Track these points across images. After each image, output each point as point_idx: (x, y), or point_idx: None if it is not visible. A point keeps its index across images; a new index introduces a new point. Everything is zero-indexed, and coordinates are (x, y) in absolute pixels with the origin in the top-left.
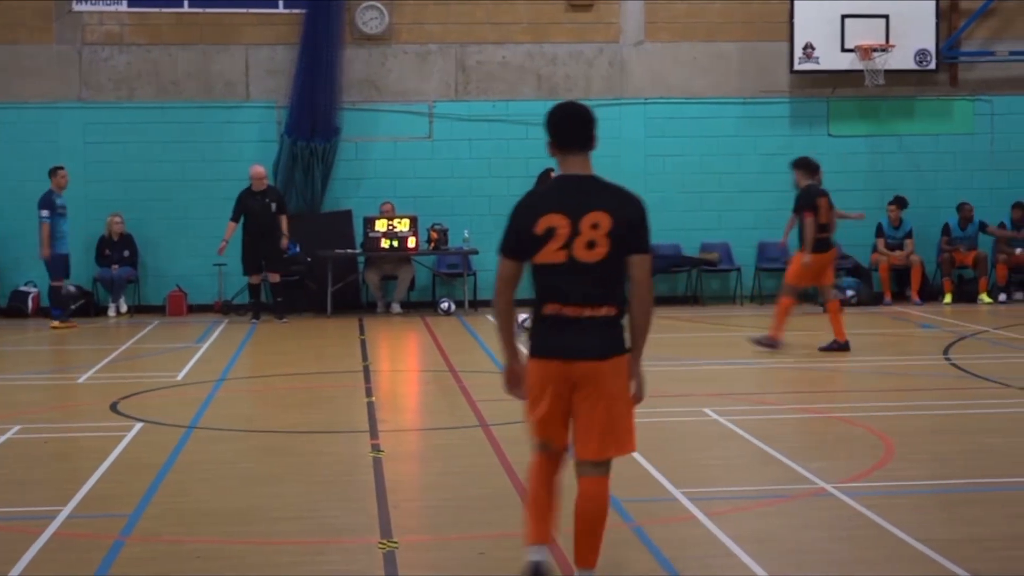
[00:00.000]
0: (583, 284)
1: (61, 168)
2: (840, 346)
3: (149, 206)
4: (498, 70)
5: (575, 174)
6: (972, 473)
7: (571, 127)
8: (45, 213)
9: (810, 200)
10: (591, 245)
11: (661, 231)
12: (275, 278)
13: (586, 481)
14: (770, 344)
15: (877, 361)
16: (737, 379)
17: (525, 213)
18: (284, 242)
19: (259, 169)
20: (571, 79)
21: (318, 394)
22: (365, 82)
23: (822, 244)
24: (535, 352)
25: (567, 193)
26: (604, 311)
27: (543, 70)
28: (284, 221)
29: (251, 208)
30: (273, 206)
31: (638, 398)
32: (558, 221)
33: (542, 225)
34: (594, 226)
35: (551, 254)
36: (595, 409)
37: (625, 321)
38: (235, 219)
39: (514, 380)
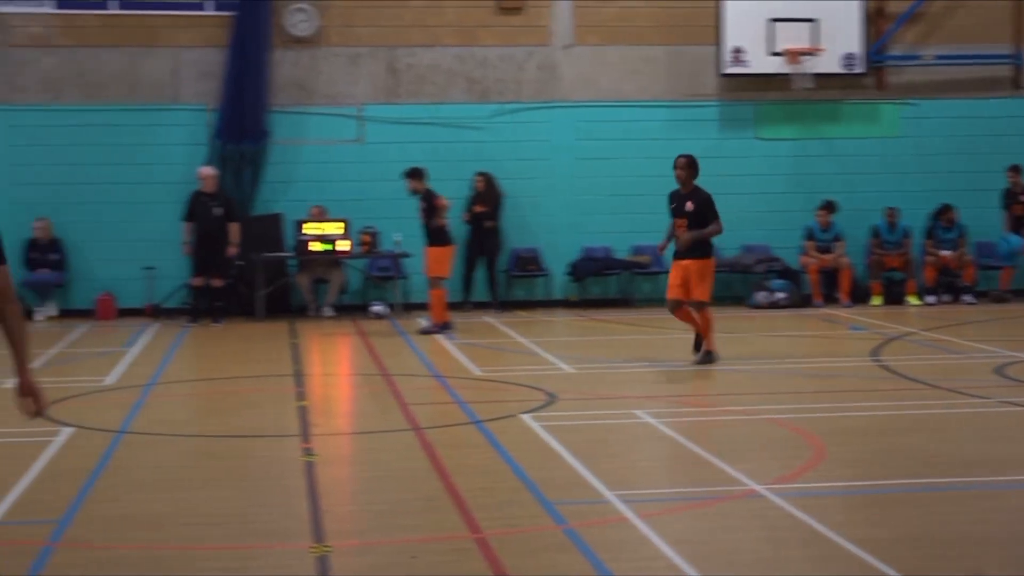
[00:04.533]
0: None
1: None
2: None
3: (77, 209)
4: (428, 73)
5: None
6: (902, 473)
7: None
8: None
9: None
10: None
11: (592, 234)
12: (218, 282)
13: None
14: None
15: (806, 362)
16: (667, 381)
17: None
18: (231, 250)
19: (205, 170)
20: (502, 82)
21: (249, 398)
22: (294, 85)
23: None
24: None
25: None
26: None
27: (473, 73)
28: (234, 228)
29: (197, 210)
30: (219, 211)
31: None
32: None
33: None
34: None
35: None
36: None
37: None
38: (186, 219)
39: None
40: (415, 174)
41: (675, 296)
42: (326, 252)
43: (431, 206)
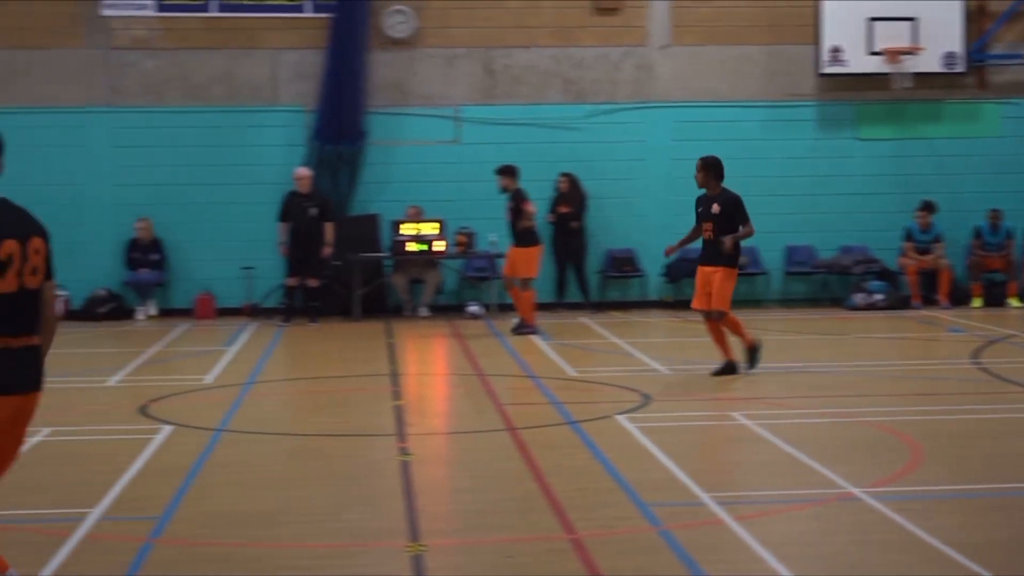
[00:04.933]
0: None
1: None
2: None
3: (177, 210)
4: (524, 74)
5: None
6: (1000, 478)
7: None
8: None
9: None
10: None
11: None
12: (313, 283)
13: None
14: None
15: (904, 365)
16: (765, 383)
17: None
18: (327, 250)
19: (301, 171)
20: (597, 83)
21: (346, 397)
22: (392, 86)
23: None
24: None
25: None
26: None
27: (569, 73)
28: (329, 228)
29: (292, 211)
30: (314, 211)
31: None
32: None
33: None
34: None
35: None
36: None
37: None
38: (281, 219)
39: None
40: (507, 171)
41: (701, 306)
42: (422, 252)
43: (518, 207)
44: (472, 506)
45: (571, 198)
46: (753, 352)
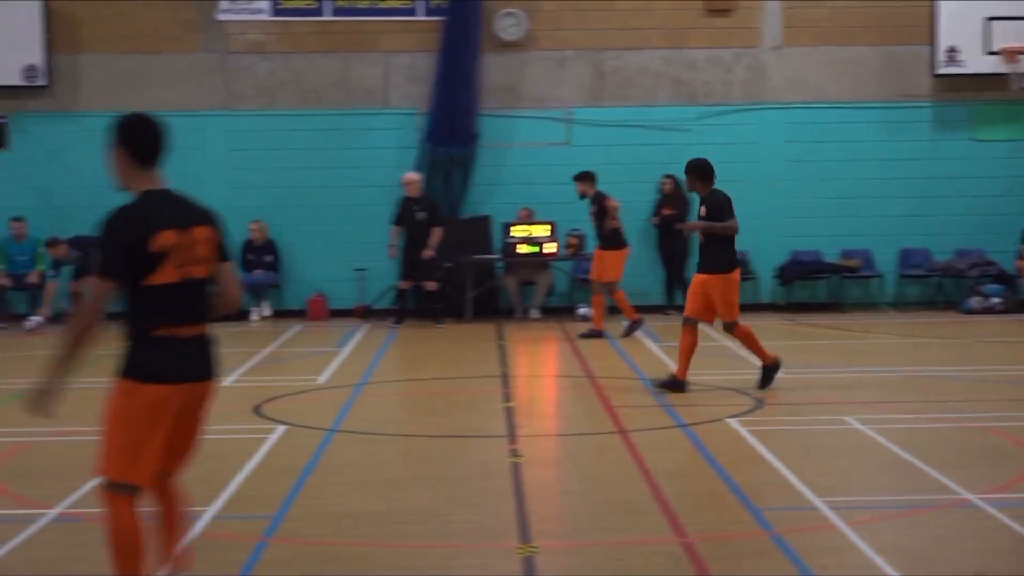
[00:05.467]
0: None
1: None
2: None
3: (291, 212)
4: (635, 75)
5: None
6: None
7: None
8: None
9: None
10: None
11: (801, 237)
12: (431, 286)
13: None
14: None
15: (1022, 370)
16: (878, 387)
17: None
18: (427, 253)
19: (410, 176)
20: (709, 84)
21: (456, 399)
22: (503, 88)
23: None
24: None
25: None
26: None
27: (681, 75)
28: (436, 233)
29: (403, 215)
30: (423, 215)
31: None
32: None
33: None
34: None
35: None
36: None
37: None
38: (394, 222)
39: None
40: (585, 177)
41: (687, 312)
42: (533, 254)
43: (602, 208)
44: (582, 508)
45: (675, 200)
46: (770, 371)
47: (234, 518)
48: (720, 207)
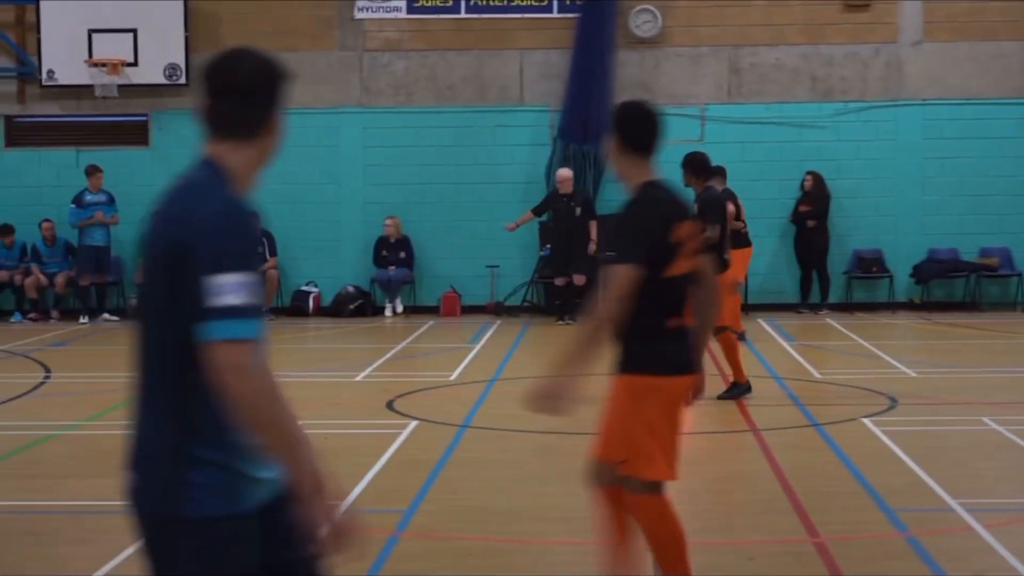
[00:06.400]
0: None
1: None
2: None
3: (425, 208)
4: (771, 72)
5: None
6: None
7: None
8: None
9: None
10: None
11: (939, 235)
12: (581, 280)
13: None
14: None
15: None
16: (1016, 388)
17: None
18: (593, 247)
19: (563, 172)
20: (846, 80)
21: (587, 395)
22: (637, 85)
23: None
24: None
25: None
26: None
27: (818, 71)
28: (593, 226)
29: (557, 210)
30: (578, 210)
31: None
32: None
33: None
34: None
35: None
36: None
37: None
38: (536, 212)
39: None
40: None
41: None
42: None
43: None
44: (714, 507)
45: (814, 197)
46: (735, 388)
47: (369, 511)
48: (711, 206)
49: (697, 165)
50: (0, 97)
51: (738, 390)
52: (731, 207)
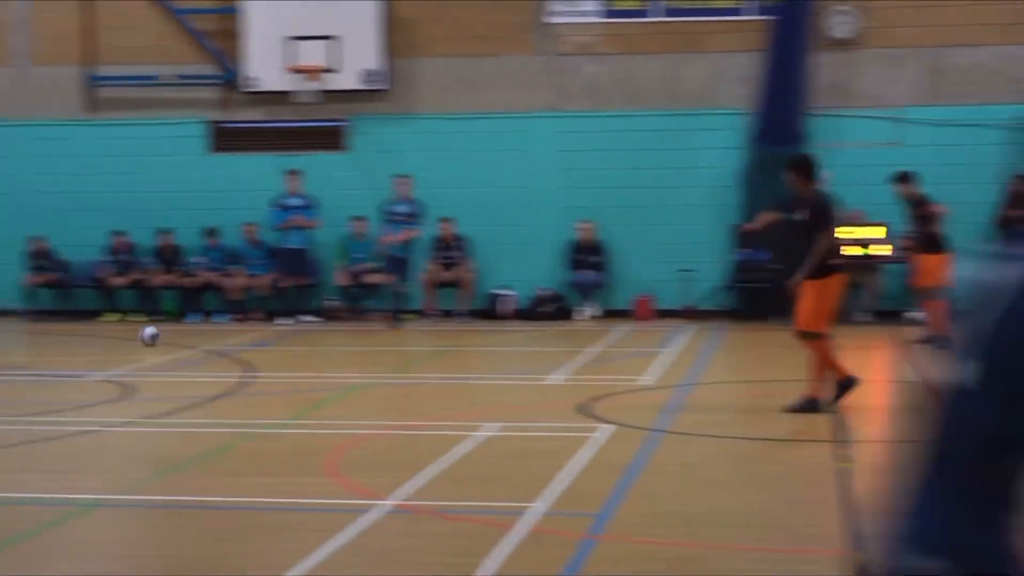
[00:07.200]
0: None
1: None
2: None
3: (618, 212)
4: (973, 73)
5: None
6: None
7: None
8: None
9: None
10: None
11: None
12: (795, 283)
13: None
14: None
15: None
16: None
17: None
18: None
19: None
20: None
21: (781, 401)
22: (833, 87)
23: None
24: None
25: None
26: None
27: (1021, 73)
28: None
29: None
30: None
31: None
32: None
33: None
34: None
35: None
36: None
37: None
38: (781, 210)
39: None
40: (906, 179)
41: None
42: (861, 256)
43: (926, 213)
44: None
45: (1020, 201)
46: (844, 387)
47: (561, 515)
48: (821, 212)
49: (805, 168)
50: (205, 104)
51: (810, 405)
52: (940, 210)
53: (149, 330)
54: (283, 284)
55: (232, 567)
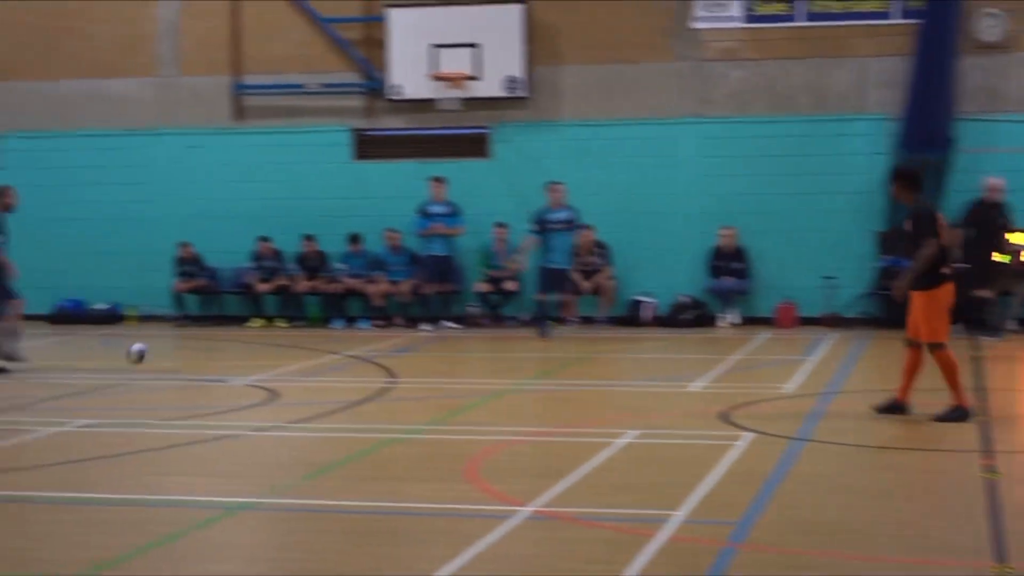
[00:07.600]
0: None
1: None
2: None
3: (761, 218)
4: None
5: None
6: None
7: None
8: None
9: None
10: None
11: None
12: (988, 293)
13: None
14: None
15: None
16: None
17: None
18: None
19: (995, 181)
20: None
21: (925, 411)
22: (983, 91)
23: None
24: None
25: None
26: None
27: None
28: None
29: (978, 218)
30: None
31: None
32: None
33: None
34: None
35: None
36: None
37: None
38: (965, 224)
39: None
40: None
41: (908, 334)
42: (1008, 263)
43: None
44: None
45: None
46: (955, 413)
47: (702, 522)
48: (923, 221)
49: (909, 178)
50: (350, 111)
51: (955, 414)
52: None
53: (137, 346)
54: (425, 291)
55: (370, 571)
